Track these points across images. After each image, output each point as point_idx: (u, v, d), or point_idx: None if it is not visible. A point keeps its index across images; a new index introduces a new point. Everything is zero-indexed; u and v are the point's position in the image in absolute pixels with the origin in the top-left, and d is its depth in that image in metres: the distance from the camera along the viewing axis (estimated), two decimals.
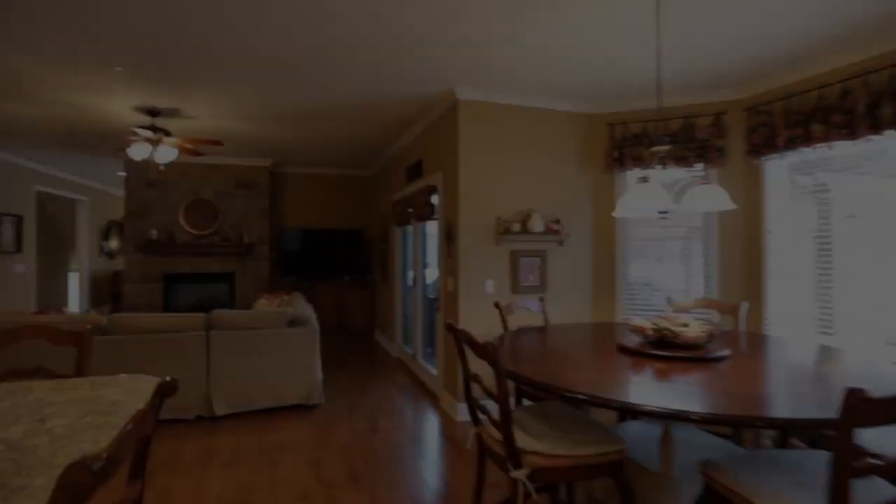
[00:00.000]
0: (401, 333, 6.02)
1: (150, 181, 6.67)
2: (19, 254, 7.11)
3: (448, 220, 4.19)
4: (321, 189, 7.85)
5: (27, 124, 4.97)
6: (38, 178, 7.58)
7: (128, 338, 3.76)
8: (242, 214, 7.01)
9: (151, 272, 6.65)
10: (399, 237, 6.06)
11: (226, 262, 6.91)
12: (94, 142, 5.78)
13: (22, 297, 7.22)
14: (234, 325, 4.00)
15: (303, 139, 5.77)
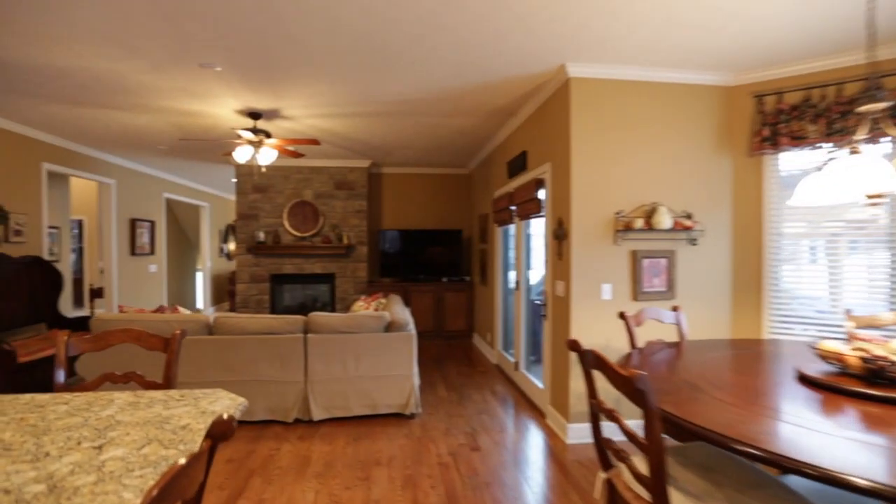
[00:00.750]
0: (501, 339, 5.62)
1: (257, 185, 6.95)
2: (152, 255, 7.80)
3: (557, 216, 3.72)
4: (418, 189, 7.71)
5: (146, 134, 5.34)
6: (167, 186, 8.29)
7: (231, 338, 3.78)
8: (342, 216, 7.06)
9: (260, 273, 6.92)
10: (500, 237, 5.67)
11: (326, 263, 7.00)
12: (205, 148, 6.10)
13: (156, 294, 7.92)
14: (330, 329, 3.87)
15: (399, 136, 5.60)
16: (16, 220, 5.04)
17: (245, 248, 6.92)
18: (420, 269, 7.35)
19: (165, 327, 3.76)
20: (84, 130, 5.22)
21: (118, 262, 6.84)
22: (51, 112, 4.54)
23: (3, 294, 4.74)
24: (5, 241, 4.94)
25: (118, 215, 6.86)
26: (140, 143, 5.80)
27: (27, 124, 5.00)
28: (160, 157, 6.73)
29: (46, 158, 5.51)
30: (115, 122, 4.90)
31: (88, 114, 4.61)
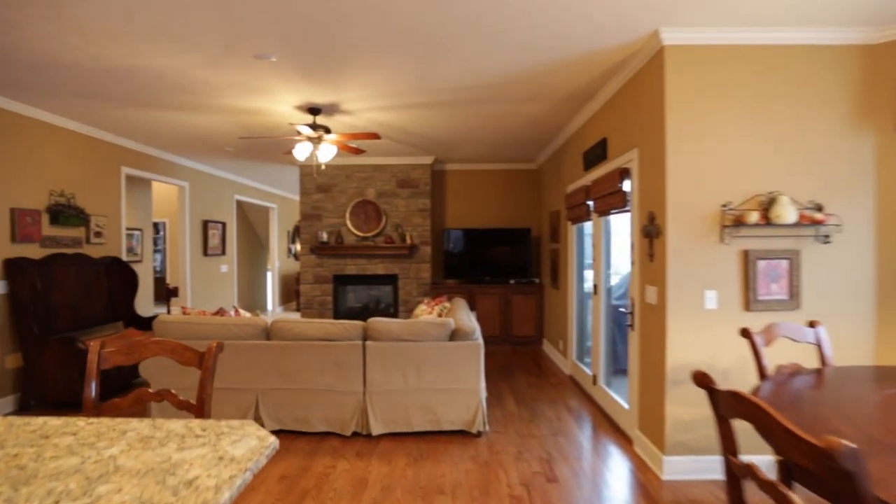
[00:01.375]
0: (575, 348, 5.11)
1: (320, 185, 6.87)
2: (223, 256, 7.98)
3: (647, 211, 3.19)
4: (484, 186, 7.32)
5: (212, 135, 5.34)
6: (237, 188, 8.47)
7: (288, 344, 3.59)
8: (405, 215, 6.81)
9: (323, 274, 6.83)
10: (573, 236, 5.15)
11: (389, 264, 6.79)
12: (268, 147, 6.06)
13: (227, 293, 8.10)
14: (390, 336, 3.57)
15: (463, 129, 5.23)
16: (96, 222, 5.20)
17: (308, 249, 6.86)
18: (486, 271, 6.95)
19: (223, 331, 3.64)
20: (157, 134, 5.31)
21: (191, 263, 7.01)
22: (124, 116, 4.61)
23: (85, 293, 4.89)
24: (86, 243, 5.11)
25: (191, 217, 7.03)
26: (208, 145, 5.85)
27: (107, 129, 5.15)
28: (229, 160, 6.82)
29: (125, 162, 5.68)
30: (183, 125, 4.92)
31: (158, 116, 4.64)
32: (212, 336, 3.64)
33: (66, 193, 4.85)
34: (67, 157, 4.88)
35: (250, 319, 3.68)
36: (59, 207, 4.71)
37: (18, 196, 4.36)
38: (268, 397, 3.59)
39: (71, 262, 4.79)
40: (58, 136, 4.75)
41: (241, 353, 3.60)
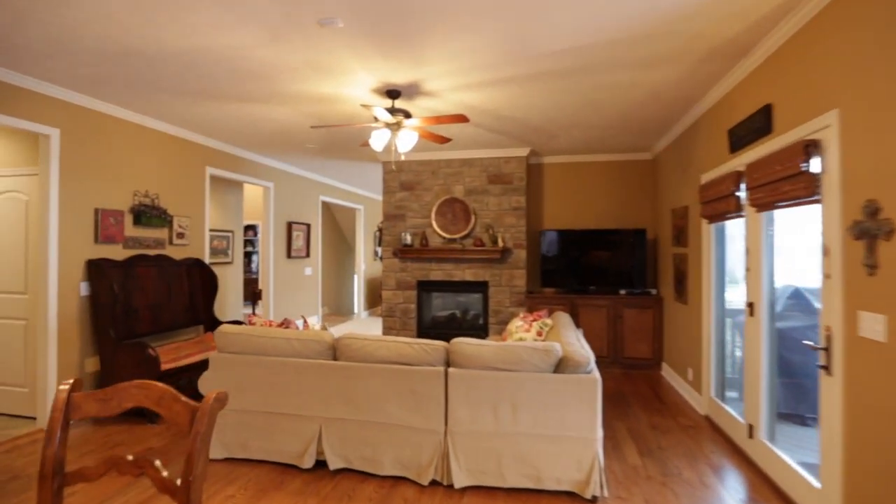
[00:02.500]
0: (714, 381, 4.02)
1: (404, 182, 6.34)
2: (307, 258, 7.77)
3: (864, 199, 2.14)
4: (587, 181, 6.35)
5: (291, 131, 4.98)
6: (323, 189, 8.26)
7: (355, 366, 2.99)
8: (496, 215, 6.06)
9: (406, 279, 6.29)
10: (709, 237, 4.08)
11: (478, 269, 6.07)
12: (345, 139, 5.62)
13: (311, 296, 7.89)
14: (479, 363, 2.84)
15: (567, 109, 4.37)
16: (179, 223, 5.07)
17: (391, 252, 6.35)
18: (591, 279, 5.98)
19: (285, 346, 3.13)
20: (238, 132, 5.07)
21: (274, 265, 6.83)
22: (202, 112, 4.36)
23: (166, 296, 4.73)
24: (169, 244, 4.98)
25: (275, 218, 6.85)
26: (289, 141, 5.54)
27: (191, 128, 4.99)
28: (312, 158, 6.54)
29: (210, 162, 5.55)
30: (259, 119, 4.59)
31: (233, 111, 4.33)
32: (272, 351, 3.15)
33: (150, 194, 4.73)
34: (153, 157, 4.76)
35: (315, 334, 3.13)
36: (143, 208, 4.58)
37: (103, 196, 4.25)
38: (333, 428, 3.02)
39: (153, 263, 4.65)
40: (144, 135, 4.63)
41: (303, 373, 3.07)
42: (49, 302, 3.83)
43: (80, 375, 4.06)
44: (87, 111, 4.07)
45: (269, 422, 3.13)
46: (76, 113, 4.00)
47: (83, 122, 4.06)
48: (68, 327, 3.98)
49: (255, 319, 3.61)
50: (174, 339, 5.00)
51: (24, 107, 3.64)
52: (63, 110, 3.90)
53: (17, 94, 3.58)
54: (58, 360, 3.90)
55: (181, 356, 4.37)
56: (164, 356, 4.30)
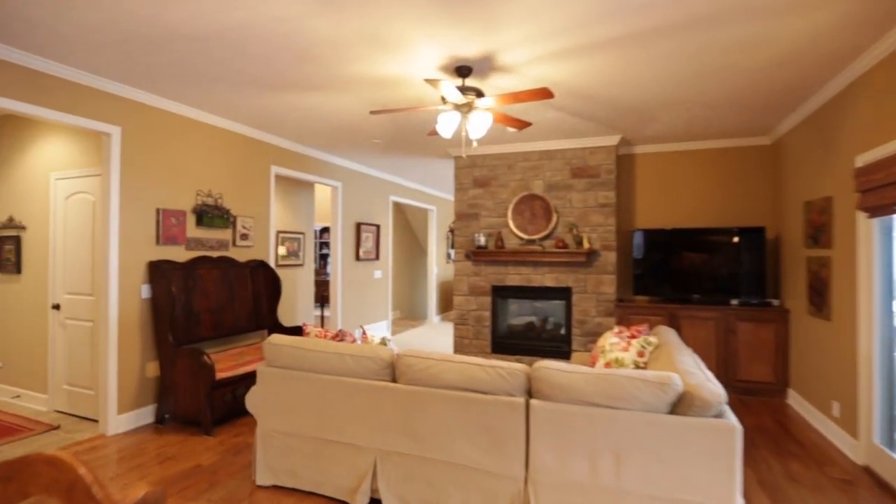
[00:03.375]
0: (880, 420, 3.08)
1: (477, 178, 5.80)
2: (377, 261, 7.47)
3: None
4: (689, 172, 5.46)
5: (355, 123, 4.61)
6: (393, 189, 7.93)
7: (417, 391, 2.49)
8: (581, 212, 5.35)
9: (479, 284, 5.74)
10: (870, 236, 3.15)
11: (560, 273, 5.39)
12: (416, 136, 5.17)
13: (381, 301, 7.58)
14: (571, 395, 2.22)
15: (670, 80, 3.62)
16: (242, 223, 4.89)
17: (463, 254, 5.84)
18: (694, 286, 5.09)
19: (338, 363, 2.69)
20: (300, 127, 4.80)
21: (343, 268, 6.57)
22: (260, 104, 4.10)
23: (228, 299, 4.55)
24: (232, 245, 4.81)
25: (344, 219, 6.60)
26: (354, 136, 5.21)
27: (254, 125, 4.80)
28: (381, 156, 6.19)
29: (275, 161, 5.35)
30: (319, 110, 4.26)
31: (291, 102, 4.03)
32: (324, 368, 2.73)
33: (213, 194, 4.57)
34: (215, 156, 4.61)
35: (371, 350, 2.67)
36: (205, 208, 4.42)
37: (164, 196, 4.12)
38: (390, 463, 2.54)
39: (215, 265, 4.47)
40: (205, 133, 4.48)
41: (358, 395, 2.62)
42: (110, 304, 3.72)
43: (140, 380, 3.93)
44: (147, 108, 3.95)
45: (319, 449, 2.71)
46: (137, 110, 3.87)
47: (144, 119, 3.93)
48: (129, 330, 3.85)
49: (310, 329, 3.23)
50: (236, 344, 4.82)
51: (86, 105, 3.54)
52: (123, 108, 3.78)
53: (79, 92, 3.48)
54: (118, 364, 3.77)
55: (241, 363, 4.13)
56: (222, 363, 4.08)
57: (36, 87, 3.25)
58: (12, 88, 3.13)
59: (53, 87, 3.33)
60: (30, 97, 3.22)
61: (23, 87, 3.18)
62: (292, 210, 7.68)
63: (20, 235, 4.57)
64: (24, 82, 3.18)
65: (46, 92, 3.30)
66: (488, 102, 3.24)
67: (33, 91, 3.24)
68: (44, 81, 3.28)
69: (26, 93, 3.20)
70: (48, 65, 3.26)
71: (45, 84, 3.29)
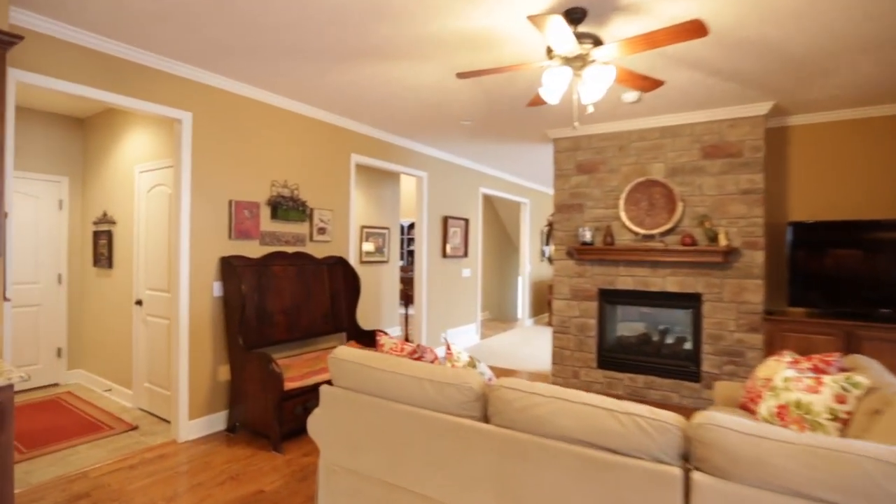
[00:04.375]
0: None
1: (581, 163, 4.96)
2: (465, 258, 6.88)
3: None
4: (864, 147, 4.20)
5: (443, 103, 4.02)
6: (483, 180, 7.29)
7: (517, 438, 1.80)
8: (716, 201, 4.32)
9: (583, 286, 4.90)
10: None
11: (687, 276, 4.40)
12: (513, 115, 4.46)
13: (469, 301, 6.99)
14: (762, 476, 1.41)
15: (861, 16, 2.58)
16: (320, 216, 4.52)
17: (564, 252, 5.03)
18: (879, 297, 3.86)
19: (414, 389, 2.10)
20: (381, 110, 4.31)
21: (428, 265, 6.05)
22: (335, 82, 3.65)
23: (304, 298, 4.19)
24: (309, 240, 4.45)
25: (429, 213, 6.07)
26: (441, 118, 4.63)
27: (332, 109, 4.40)
28: (470, 142, 5.57)
29: (355, 149, 4.94)
30: (403, 86, 3.72)
31: (370, 76, 3.52)
32: (397, 394, 2.15)
33: (288, 184, 4.23)
34: (291, 143, 4.26)
35: (456, 376, 2.03)
36: (280, 199, 4.09)
37: (237, 187, 3.82)
38: None
39: (290, 261, 4.13)
40: (280, 118, 4.14)
41: (439, 434, 2.00)
42: (180, 302, 3.47)
43: (212, 384, 3.66)
44: (217, 92, 3.66)
45: (390, 497, 2.14)
46: (207, 94, 3.59)
47: (215, 103, 3.64)
48: (201, 331, 3.59)
49: (383, 340, 2.68)
50: (312, 348, 4.46)
51: (157, 90, 3.29)
52: (194, 91, 3.51)
53: (148, 76, 3.24)
54: (189, 366, 3.52)
55: (314, 370, 3.72)
56: (294, 370, 3.69)
57: (110, 73, 3.03)
58: (87, 75, 2.92)
59: (124, 71, 3.11)
60: (104, 83, 3.01)
61: (96, 72, 2.97)
62: (377, 204, 7.33)
63: (111, 230, 4.57)
64: (99, 67, 2.97)
65: (119, 77, 3.08)
66: (609, 52, 2.46)
67: (107, 77, 3.02)
68: (115, 66, 3.05)
69: (100, 79, 2.99)
70: (119, 48, 3.02)
71: (116, 68, 3.06)
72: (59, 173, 4.84)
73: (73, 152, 4.92)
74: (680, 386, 4.40)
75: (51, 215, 4.79)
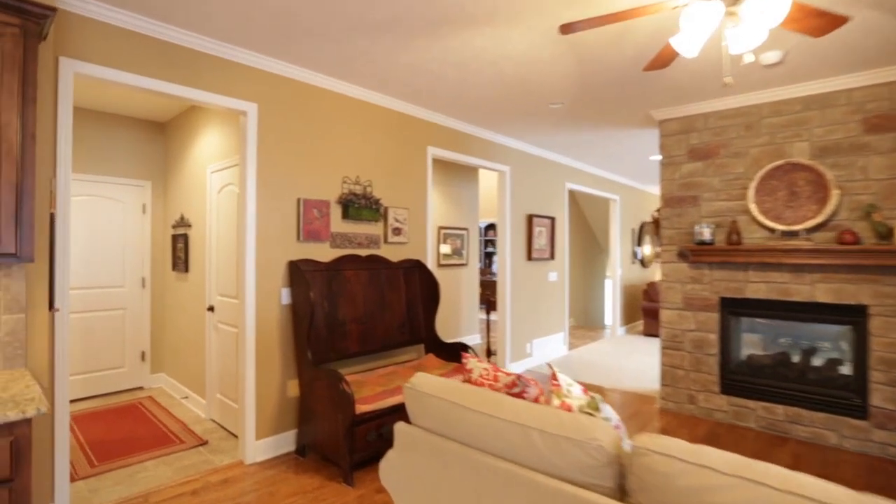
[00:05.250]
0: None
1: (696, 148, 4.15)
2: (552, 260, 6.23)
3: None
4: None
5: (530, 80, 3.45)
6: (569, 174, 6.60)
7: None
8: (885, 188, 3.38)
9: (701, 294, 4.10)
10: None
11: (844, 283, 3.49)
12: (612, 83, 3.79)
13: (556, 309, 6.33)
14: None
15: None
16: (395, 216, 4.12)
17: (676, 253, 4.26)
18: None
19: (518, 438, 1.56)
20: (459, 92, 3.83)
21: (512, 269, 5.48)
22: (408, 63, 3.21)
23: (379, 306, 3.80)
24: (384, 242, 4.06)
25: (512, 211, 5.51)
26: (527, 102, 4.06)
27: (406, 97, 3.98)
28: (558, 130, 4.94)
29: (432, 141, 4.50)
30: (484, 63, 3.20)
31: (447, 53, 3.04)
32: (492, 444, 1.62)
33: (360, 181, 3.86)
34: (362, 136, 3.89)
35: (578, 427, 1.47)
36: (352, 198, 3.72)
37: (307, 184, 3.50)
38: None
39: (363, 266, 3.75)
40: (350, 109, 3.78)
41: None
42: (247, 310, 3.18)
43: (280, 400, 3.35)
44: (284, 80, 3.35)
45: None
46: (273, 83, 3.29)
47: (281, 93, 3.34)
48: (268, 341, 3.29)
49: (471, 364, 2.16)
50: (387, 361, 4.06)
51: (218, 79, 3.02)
52: (259, 81, 3.21)
53: (209, 63, 2.97)
54: (256, 380, 3.23)
55: (389, 390, 3.29)
56: (367, 388, 3.29)
57: (168, 62, 2.80)
58: (145, 64, 2.70)
59: (184, 59, 2.86)
60: (162, 73, 2.78)
61: (154, 61, 2.74)
62: (454, 203, 6.88)
63: (187, 233, 4.46)
64: (157, 56, 2.74)
65: (179, 66, 2.83)
66: None
67: (166, 66, 2.79)
68: (173, 54, 2.81)
69: (159, 68, 2.76)
70: (177, 34, 2.78)
71: (175, 57, 2.82)
72: (143, 177, 4.85)
73: (155, 156, 4.92)
74: (838, 423, 3.49)
75: (135, 219, 4.80)
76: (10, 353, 2.09)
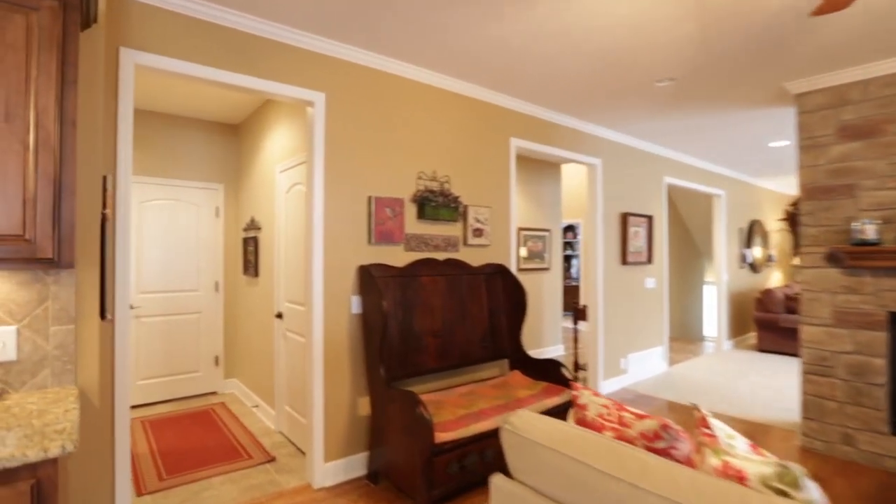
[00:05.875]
0: None
1: (848, 125, 3.33)
2: (649, 264, 5.51)
3: None
4: None
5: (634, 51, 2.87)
6: (668, 167, 5.83)
7: None
8: None
9: (858, 307, 3.27)
10: None
11: None
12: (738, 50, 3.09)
13: (654, 321, 5.59)
14: None
15: None
16: (475, 215, 3.67)
17: (823, 256, 3.45)
18: None
19: None
20: (546, 70, 3.31)
21: (604, 274, 4.85)
22: (487, 39, 2.75)
23: (458, 316, 3.38)
24: (463, 244, 3.63)
25: (605, 209, 4.88)
26: (627, 80, 3.46)
27: (477, 81, 3.53)
28: (659, 115, 4.27)
29: (515, 132, 4.01)
30: (570, 37, 2.67)
31: (524, 21, 2.55)
32: None
33: (437, 177, 3.46)
34: (439, 127, 3.49)
35: None
36: (428, 195, 3.33)
37: (378, 181, 3.15)
38: None
39: (441, 271, 3.34)
40: (424, 97, 3.39)
41: None
42: (314, 319, 2.87)
43: (350, 419, 3.01)
44: (353, 67, 3.02)
45: None
46: (341, 70, 2.97)
47: (350, 81, 3.01)
48: (338, 354, 2.96)
49: (584, 396, 1.66)
50: (466, 377, 3.61)
51: (283, 67, 2.75)
52: (326, 68, 2.90)
53: (272, 50, 2.70)
54: (325, 395, 2.91)
55: (471, 413, 2.83)
56: (448, 411, 2.85)
57: (229, 50, 2.55)
58: (205, 53, 2.46)
59: (246, 47, 2.61)
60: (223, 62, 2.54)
61: (215, 50, 2.50)
62: (535, 202, 6.33)
63: (257, 236, 4.31)
64: (217, 43, 2.50)
65: (240, 54, 2.59)
66: None
67: (227, 55, 2.55)
68: (235, 41, 2.56)
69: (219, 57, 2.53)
70: (238, 18, 2.52)
71: (236, 44, 2.57)
72: (216, 181, 4.79)
73: (228, 159, 4.85)
74: None
75: (209, 223, 4.75)
76: (58, 369, 1.87)
